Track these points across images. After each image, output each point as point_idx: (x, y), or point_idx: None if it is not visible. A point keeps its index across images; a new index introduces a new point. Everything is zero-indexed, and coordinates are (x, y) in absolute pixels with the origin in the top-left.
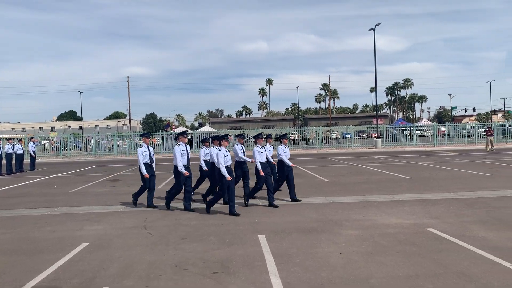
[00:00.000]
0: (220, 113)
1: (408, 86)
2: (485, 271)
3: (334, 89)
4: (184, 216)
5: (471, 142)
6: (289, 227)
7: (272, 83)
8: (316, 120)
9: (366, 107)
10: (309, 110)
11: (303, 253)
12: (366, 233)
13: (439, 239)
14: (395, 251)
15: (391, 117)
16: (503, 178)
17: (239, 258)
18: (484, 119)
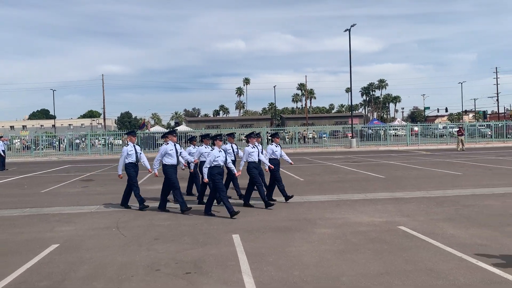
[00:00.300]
0: (197, 112)
1: (383, 86)
2: (452, 267)
3: (311, 89)
4: (158, 216)
5: (443, 142)
6: (263, 227)
7: (249, 82)
8: (293, 120)
9: (342, 107)
10: (286, 109)
11: (276, 252)
12: (339, 231)
13: (410, 237)
14: (366, 249)
15: (366, 117)
16: (472, 177)
17: (213, 258)
18: (456, 119)
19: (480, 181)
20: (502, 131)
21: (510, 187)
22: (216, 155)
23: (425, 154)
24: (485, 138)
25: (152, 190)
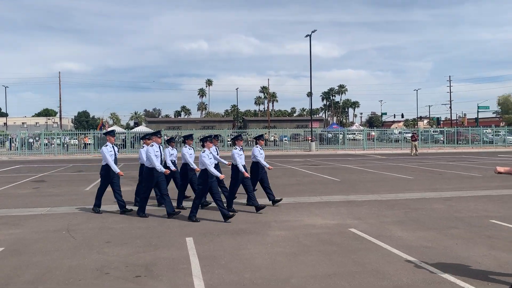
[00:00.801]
0: (157, 112)
1: (343, 91)
2: (397, 268)
3: (273, 92)
4: (111, 219)
5: (398, 147)
6: (218, 229)
7: (212, 84)
8: (255, 123)
9: (303, 111)
10: (249, 112)
11: (229, 254)
12: (293, 233)
13: (359, 239)
14: (317, 250)
15: (326, 121)
16: (423, 181)
17: (164, 261)
18: (412, 125)
19: (430, 185)
20: (453, 138)
21: (456, 191)
22: (209, 156)
23: (380, 158)
24: (437, 144)
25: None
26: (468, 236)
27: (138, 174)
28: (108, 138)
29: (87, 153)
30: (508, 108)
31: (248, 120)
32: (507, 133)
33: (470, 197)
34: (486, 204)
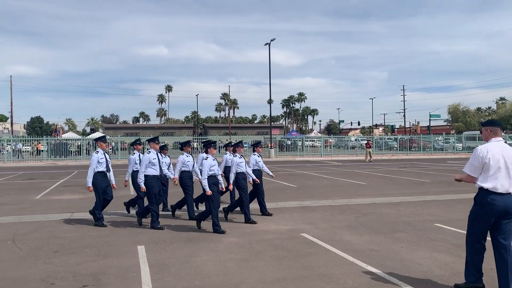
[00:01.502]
0: (115, 118)
1: (302, 99)
2: (344, 272)
3: (234, 99)
4: (60, 228)
5: (354, 153)
6: (171, 237)
7: (171, 89)
8: (216, 129)
9: (264, 118)
10: (209, 118)
11: (180, 262)
12: (245, 240)
13: (310, 244)
14: (268, 256)
15: (286, 128)
16: (375, 187)
17: (114, 270)
18: (368, 132)
19: (381, 191)
20: (406, 145)
21: (406, 196)
22: (211, 164)
23: (337, 165)
24: (391, 151)
25: (60, 200)
26: (413, 240)
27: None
28: (99, 144)
29: (39, 160)
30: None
31: (208, 126)
32: (456, 141)
33: (418, 202)
34: (432, 208)
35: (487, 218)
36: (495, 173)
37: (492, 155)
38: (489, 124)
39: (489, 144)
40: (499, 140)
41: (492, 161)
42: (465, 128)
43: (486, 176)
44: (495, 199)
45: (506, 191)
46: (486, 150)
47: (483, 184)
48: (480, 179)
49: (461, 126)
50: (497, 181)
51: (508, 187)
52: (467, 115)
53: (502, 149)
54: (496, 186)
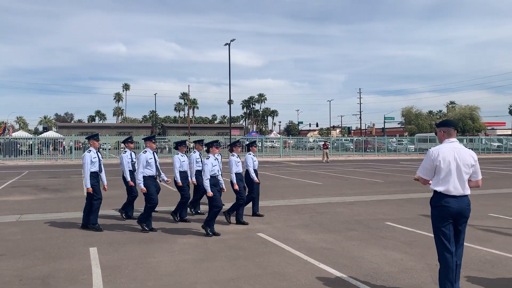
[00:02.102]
0: (69, 117)
1: (262, 100)
2: (297, 270)
3: (194, 99)
4: (7, 230)
5: (312, 154)
6: (125, 239)
7: (129, 88)
8: (175, 129)
9: (224, 118)
10: (168, 118)
11: (134, 263)
12: (201, 240)
13: (265, 243)
14: (224, 256)
15: (247, 128)
16: (330, 187)
17: (64, 273)
18: (325, 133)
19: (336, 191)
20: (362, 146)
21: (359, 196)
22: (213, 164)
23: (295, 165)
24: (347, 152)
25: (8, 202)
26: (365, 238)
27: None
28: (92, 143)
29: None
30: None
31: (167, 126)
32: (409, 142)
33: (370, 201)
34: (384, 207)
35: (445, 221)
36: (446, 176)
37: (443, 157)
38: (442, 125)
39: (442, 146)
40: (452, 141)
41: (443, 164)
42: (417, 130)
43: (438, 178)
44: (449, 201)
45: (461, 194)
46: (438, 153)
47: (436, 187)
48: (433, 182)
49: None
50: (449, 184)
51: (462, 189)
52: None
53: (455, 150)
54: (448, 188)
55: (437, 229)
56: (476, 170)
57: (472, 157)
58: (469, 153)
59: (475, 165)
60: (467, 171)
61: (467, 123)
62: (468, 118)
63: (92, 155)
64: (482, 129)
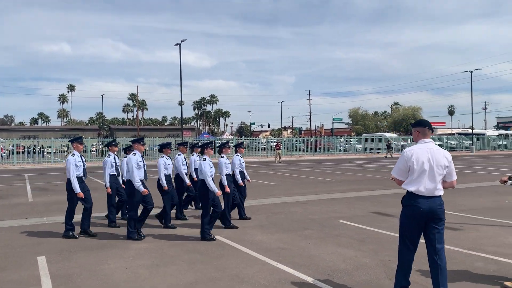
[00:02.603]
0: (9, 119)
1: (214, 101)
2: (256, 271)
3: (143, 100)
4: None
5: (264, 155)
6: (76, 246)
7: (74, 89)
8: (123, 131)
9: (175, 120)
10: (116, 120)
11: (86, 272)
12: (157, 245)
13: (223, 245)
14: (181, 260)
15: (198, 130)
16: (284, 187)
17: (10, 284)
18: (277, 134)
19: (290, 190)
20: (312, 146)
21: (312, 195)
22: (210, 165)
23: (248, 166)
24: (299, 152)
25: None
26: (320, 236)
27: None
28: (75, 146)
29: None
30: (357, 120)
31: (115, 128)
32: (356, 142)
33: (323, 200)
34: (336, 206)
35: (414, 221)
36: (419, 176)
37: (417, 158)
38: (417, 125)
39: (416, 146)
40: (427, 141)
41: (416, 164)
42: (364, 130)
43: (411, 178)
44: (419, 202)
45: (432, 194)
46: (411, 153)
47: (407, 187)
48: (406, 182)
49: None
50: (421, 184)
51: (434, 190)
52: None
53: (429, 151)
54: (419, 189)
55: (404, 229)
56: (450, 171)
57: (446, 158)
58: (443, 154)
59: (449, 166)
60: (440, 172)
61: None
62: (411, 118)
63: (76, 159)
64: None
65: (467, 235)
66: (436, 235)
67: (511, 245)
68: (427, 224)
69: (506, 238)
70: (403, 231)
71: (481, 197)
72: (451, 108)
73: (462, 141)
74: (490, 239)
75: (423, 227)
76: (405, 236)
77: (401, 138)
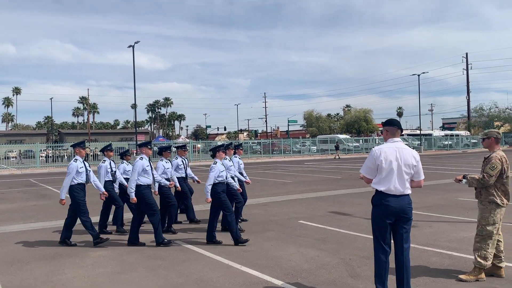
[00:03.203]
0: None
1: (168, 104)
2: (220, 275)
3: (94, 103)
4: None
5: None
6: (29, 256)
7: (20, 92)
8: (74, 136)
9: (127, 123)
10: (66, 124)
11: (42, 282)
12: (116, 252)
13: (184, 250)
14: (142, 267)
15: (152, 133)
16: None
17: None
18: (233, 137)
19: (250, 192)
20: (269, 148)
21: (272, 197)
22: (220, 169)
23: (205, 170)
24: (256, 154)
25: None
26: (282, 237)
27: None
28: (78, 151)
29: None
30: (312, 122)
31: (65, 133)
32: (311, 144)
33: (283, 202)
34: (296, 206)
35: (384, 220)
36: (387, 175)
37: (385, 157)
38: (386, 124)
39: (384, 145)
40: (396, 141)
41: (384, 163)
42: (318, 132)
43: (380, 177)
44: (389, 200)
45: (401, 193)
46: (380, 152)
47: (377, 186)
48: (375, 181)
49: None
50: (390, 183)
51: (402, 189)
52: (320, 120)
53: (397, 150)
54: (389, 188)
55: (376, 229)
56: (418, 171)
57: (414, 158)
58: (412, 153)
59: (416, 165)
60: (408, 171)
61: (362, 125)
62: (363, 120)
63: (78, 165)
64: (375, 130)
65: (422, 232)
66: (404, 234)
67: (462, 240)
68: (395, 223)
69: (458, 233)
70: (376, 230)
71: (432, 195)
72: (399, 110)
73: (411, 142)
74: (443, 234)
75: (392, 226)
76: (379, 236)
77: (354, 139)
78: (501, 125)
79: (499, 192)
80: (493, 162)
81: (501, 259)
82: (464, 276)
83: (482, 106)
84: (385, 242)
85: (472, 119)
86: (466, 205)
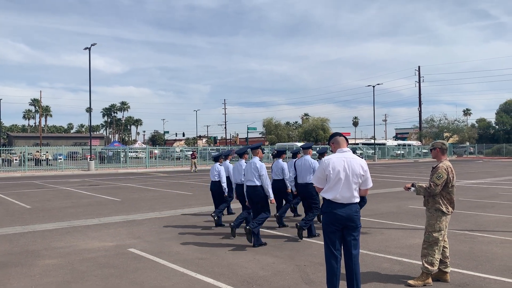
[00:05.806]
0: None
1: (125, 109)
2: (175, 283)
3: (47, 106)
4: None
5: (179, 164)
6: None
7: None
8: (24, 139)
9: (82, 127)
10: (15, 127)
11: None
12: (65, 260)
13: (138, 258)
14: (93, 275)
15: (108, 138)
16: (200, 196)
17: None
18: (192, 143)
19: (207, 200)
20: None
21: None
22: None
23: (163, 176)
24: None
25: None
26: (236, 244)
27: None
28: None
29: None
30: (271, 130)
31: (14, 136)
32: (270, 151)
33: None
34: None
35: (333, 226)
36: (335, 184)
37: (333, 166)
38: (330, 138)
39: (333, 155)
40: (344, 151)
41: (332, 173)
42: (277, 139)
43: (328, 186)
44: (336, 208)
45: (348, 202)
46: (328, 162)
47: (325, 194)
48: (324, 190)
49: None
50: (337, 192)
51: (349, 197)
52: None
53: (346, 160)
54: (336, 196)
55: (326, 235)
56: (365, 180)
57: (362, 167)
58: (360, 163)
59: (364, 175)
60: (355, 181)
61: (319, 134)
62: (320, 128)
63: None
64: None
65: (373, 238)
66: (352, 242)
67: (412, 246)
68: (344, 230)
69: (408, 240)
70: (326, 237)
71: (385, 202)
72: (355, 119)
73: (365, 150)
74: (394, 241)
75: (341, 233)
76: (329, 242)
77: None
78: (450, 136)
79: (444, 201)
80: (440, 172)
81: (446, 264)
82: (413, 282)
83: (433, 117)
84: (335, 248)
85: (424, 129)
86: (416, 212)
